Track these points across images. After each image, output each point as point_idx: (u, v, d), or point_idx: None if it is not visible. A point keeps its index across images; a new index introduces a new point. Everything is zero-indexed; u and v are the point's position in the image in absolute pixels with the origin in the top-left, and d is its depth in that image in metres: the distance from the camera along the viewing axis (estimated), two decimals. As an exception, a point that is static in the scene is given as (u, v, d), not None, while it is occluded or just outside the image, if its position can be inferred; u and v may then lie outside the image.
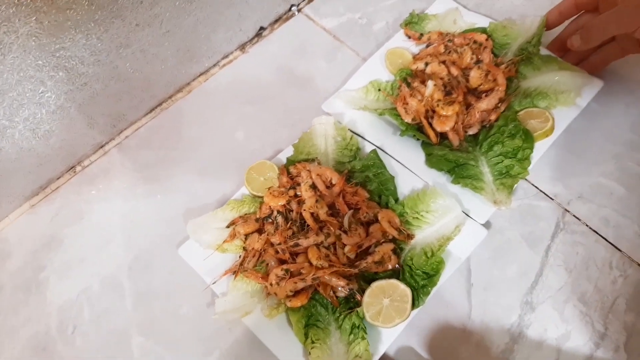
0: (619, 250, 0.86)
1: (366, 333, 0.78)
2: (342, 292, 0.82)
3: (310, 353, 0.77)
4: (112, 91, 1.00)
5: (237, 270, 0.85)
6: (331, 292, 0.82)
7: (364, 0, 1.22)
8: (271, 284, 0.81)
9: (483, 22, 1.07)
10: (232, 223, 0.89)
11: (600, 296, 0.83)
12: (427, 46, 1.06)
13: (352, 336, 0.79)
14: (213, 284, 0.87)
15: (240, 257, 0.87)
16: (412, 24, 1.09)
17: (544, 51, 1.00)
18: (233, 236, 0.88)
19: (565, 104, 0.94)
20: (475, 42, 1.01)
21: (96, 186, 1.05)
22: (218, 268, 0.88)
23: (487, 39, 1.00)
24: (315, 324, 0.81)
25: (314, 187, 0.88)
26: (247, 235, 0.88)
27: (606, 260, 0.86)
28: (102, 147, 1.08)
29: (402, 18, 1.13)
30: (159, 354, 0.86)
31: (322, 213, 0.85)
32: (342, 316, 0.81)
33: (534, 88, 0.96)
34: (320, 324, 0.81)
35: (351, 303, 0.82)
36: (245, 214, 0.91)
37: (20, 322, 0.92)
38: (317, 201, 0.85)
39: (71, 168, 1.06)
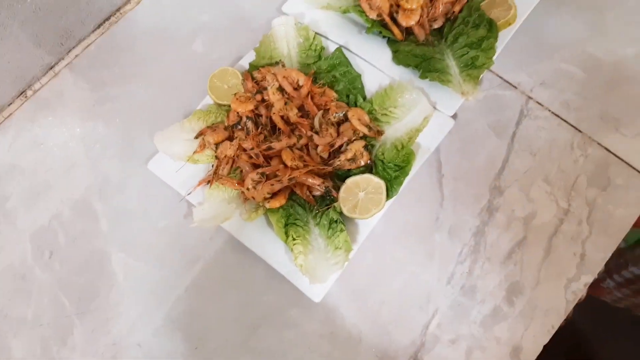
0: (580, 131, 0.89)
1: (344, 226, 0.81)
2: (317, 191, 0.83)
3: (292, 249, 0.79)
4: (55, 5, 0.92)
5: (212, 179, 0.84)
6: (307, 192, 0.83)
7: None
8: (248, 189, 0.81)
9: None
10: (201, 133, 0.87)
11: (563, 176, 0.87)
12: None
13: (330, 231, 0.81)
14: (188, 194, 0.86)
15: (213, 166, 0.86)
16: None
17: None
18: (203, 146, 0.86)
19: (534, -7, 0.93)
20: None
21: (51, 111, 0.99)
22: (191, 179, 0.88)
23: None
24: (294, 223, 0.82)
25: (281, 89, 0.86)
26: (217, 145, 0.86)
27: (568, 141, 0.89)
28: (51, 68, 1.01)
29: None
30: (142, 269, 0.87)
31: (292, 115, 0.84)
32: (319, 213, 0.83)
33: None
34: (299, 222, 0.83)
35: (327, 200, 0.84)
36: (213, 124, 0.89)
37: (-7, 253, 0.90)
38: (286, 103, 0.84)
39: (22, 93, 1.00)
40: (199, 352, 0.81)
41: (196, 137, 0.88)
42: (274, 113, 0.84)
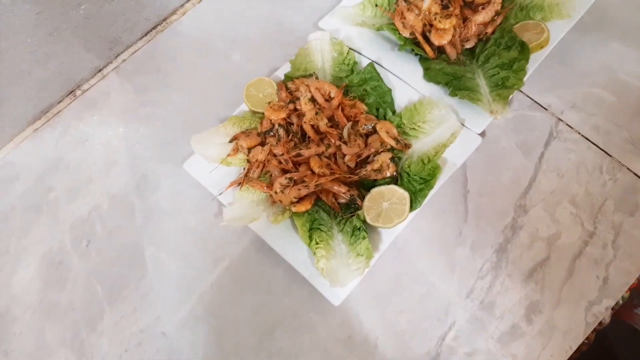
0: (609, 155, 0.89)
1: (367, 233, 0.83)
2: (343, 198, 0.86)
3: (315, 253, 0.82)
4: (106, 13, 0.99)
5: (243, 181, 0.88)
6: (333, 199, 0.86)
7: None
8: (276, 192, 0.85)
9: None
10: (235, 138, 0.92)
11: (590, 198, 0.87)
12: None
13: (353, 237, 0.83)
14: (220, 194, 0.90)
15: (244, 169, 0.90)
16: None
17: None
18: (236, 150, 0.90)
19: (560, 17, 0.95)
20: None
21: (97, 110, 1.06)
22: (223, 181, 0.92)
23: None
24: (318, 228, 0.85)
25: (313, 100, 0.90)
26: (250, 149, 0.90)
27: (597, 165, 0.89)
28: (100, 71, 1.08)
29: None
30: (172, 265, 0.90)
31: (322, 124, 0.87)
32: (343, 220, 0.85)
33: (529, 1, 0.97)
34: (323, 228, 0.85)
35: (352, 208, 0.86)
36: (247, 129, 0.93)
37: (34, 240, 0.96)
38: (316, 113, 0.88)
39: (71, 92, 1.07)
40: (218, 347, 0.83)
41: (230, 141, 0.92)
42: (304, 122, 0.87)
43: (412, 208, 0.83)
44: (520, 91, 0.96)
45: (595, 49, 0.98)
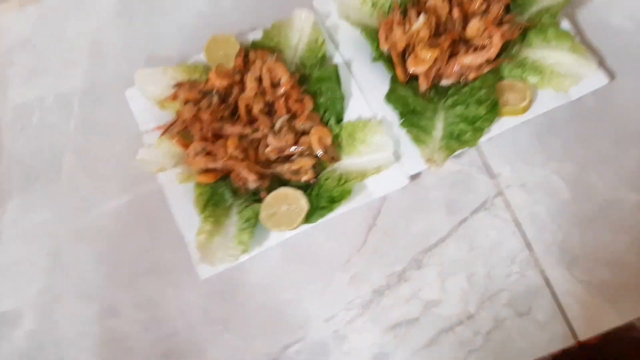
0: (530, 249, 0.84)
1: (254, 227, 0.82)
2: (251, 185, 0.85)
3: (201, 224, 0.82)
4: None
5: (165, 129, 0.88)
6: (242, 181, 0.85)
7: None
8: (188, 154, 0.84)
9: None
10: (179, 85, 0.90)
11: (488, 283, 0.83)
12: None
13: (245, 224, 0.83)
14: (145, 132, 0.91)
15: (173, 119, 0.90)
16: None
17: (564, 24, 0.90)
18: (174, 97, 0.89)
19: (556, 89, 0.86)
20: (495, -10, 0.90)
21: (86, 6, 1.06)
22: (156, 121, 0.92)
23: (509, -10, 0.90)
24: (216, 203, 0.85)
25: (259, 80, 0.86)
26: (186, 102, 0.89)
27: (512, 253, 0.84)
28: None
29: None
30: (80, 179, 0.94)
31: (256, 108, 0.84)
32: (245, 203, 0.85)
33: (532, 60, 0.88)
34: (221, 204, 0.85)
35: (257, 197, 0.85)
36: (195, 81, 0.91)
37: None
38: (255, 95, 0.85)
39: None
40: (95, 269, 0.88)
41: (174, 87, 0.91)
42: (241, 98, 0.85)
43: (306, 221, 0.82)
44: (478, 149, 0.89)
45: (580, 138, 0.89)
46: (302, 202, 0.82)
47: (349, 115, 0.90)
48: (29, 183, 0.94)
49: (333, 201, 0.82)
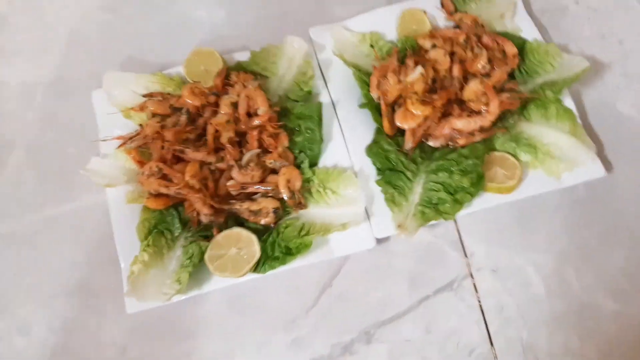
0: (491, 343, 0.77)
1: (195, 267, 0.74)
2: (203, 218, 0.77)
3: (139, 253, 0.75)
4: None
5: (124, 141, 0.80)
6: (195, 213, 0.77)
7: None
8: (142, 173, 0.77)
9: (531, 33, 0.89)
10: (150, 95, 0.83)
11: (440, 371, 0.76)
12: (455, 27, 0.89)
13: (188, 261, 0.75)
14: (101, 140, 0.83)
15: (135, 131, 0.82)
16: (455, -7, 0.92)
17: (568, 102, 0.84)
18: (142, 108, 0.82)
19: (548, 172, 0.80)
20: (502, 52, 0.84)
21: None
22: (118, 129, 0.84)
23: (515, 56, 0.84)
24: (163, 232, 0.78)
25: (235, 106, 0.79)
26: (154, 115, 0.82)
27: (471, 344, 0.77)
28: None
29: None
30: (25, 178, 0.86)
31: (225, 136, 0.77)
32: (193, 238, 0.77)
33: (527, 135, 0.81)
34: (167, 234, 0.78)
35: (208, 232, 0.78)
36: (168, 94, 0.84)
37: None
38: (227, 122, 0.78)
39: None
40: (17, 277, 0.80)
41: (144, 96, 0.83)
42: (210, 123, 0.78)
43: (255, 270, 0.74)
44: (455, 222, 0.82)
45: (564, 229, 0.82)
46: (254, 247, 0.75)
47: (325, 159, 0.83)
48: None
49: (289, 253, 0.75)
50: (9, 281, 0.80)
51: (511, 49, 0.84)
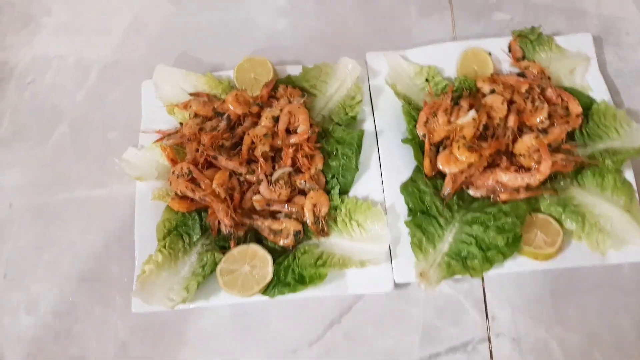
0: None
1: (207, 277, 0.73)
2: (223, 228, 0.76)
3: (155, 252, 0.74)
4: None
5: (162, 136, 0.80)
6: (216, 221, 0.76)
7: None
8: (173, 172, 0.77)
9: (601, 94, 0.83)
10: (197, 94, 0.83)
11: None
12: (519, 74, 0.84)
13: (200, 269, 0.74)
14: (142, 132, 0.84)
15: (175, 128, 0.82)
16: (526, 39, 0.86)
17: (628, 174, 0.77)
18: (186, 106, 0.82)
19: (593, 247, 0.73)
20: (566, 109, 0.79)
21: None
22: (160, 123, 0.84)
23: (579, 115, 0.78)
24: (182, 234, 0.77)
25: (276, 120, 0.78)
26: (196, 115, 0.82)
27: (477, 412, 0.72)
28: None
29: (528, 25, 0.90)
30: (65, 154, 0.88)
31: (259, 149, 0.76)
32: (210, 246, 0.76)
33: (577, 202, 0.75)
34: (185, 238, 0.77)
35: (226, 244, 0.76)
36: (214, 96, 0.84)
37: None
38: (265, 135, 0.76)
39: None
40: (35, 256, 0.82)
41: (190, 94, 0.84)
42: (248, 134, 0.76)
43: (264, 292, 0.72)
44: (482, 280, 0.77)
45: (600, 309, 0.75)
46: (268, 269, 0.73)
47: (357, 189, 0.80)
48: (15, 140, 0.89)
49: (302, 281, 0.72)
50: (30, 254, 0.81)
51: (575, 108, 0.78)
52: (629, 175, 0.77)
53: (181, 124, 0.82)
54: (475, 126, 0.75)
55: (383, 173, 0.80)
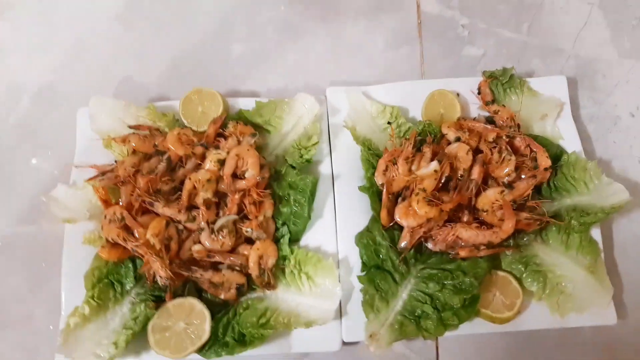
0: None
1: (138, 332, 0.67)
2: (158, 280, 0.69)
3: (85, 302, 0.67)
4: None
5: (96, 175, 0.73)
6: (152, 271, 0.70)
7: (506, 15, 0.93)
8: (105, 216, 0.70)
9: (572, 143, 0.79)
10: (137, 127, 0.76)
11: None
12: (488, 121, 0.79)
13: (132, 322, 0.68)
14: (74, 166, 0.76)
15: (110, 165, 0.75)
16: (497, 81, 0.81)
17: (595, 233, 0.73)
18: (124, 140, 0.75)
19: (553, 309, 0.69)
20: (534, 160, 0.74)
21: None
22: (95, 157, 0.77)
23: (547, 169, 0.73)
24: (113, 282, 0.70)
25: (222, 164, 0.71)
26: (134, 152, 0.74)
27: None
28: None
29: (500, 61, 0.85)
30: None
31: (201, 196, 0.69)
32: (144, 296, 0.70)
33: (540, 261, 0.71)
34: (118, 287, 0.70)
35: (162, 293, 0.70)
36: (157, 129, 0.77)
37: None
38: (208, 180, 0.70)
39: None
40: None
41: (130, 127, 0.76)
42: (190, 178, 0.70)
43: (200, 351, 0.66)
44: (436, 339, 0.73)
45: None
46: (205, 326, 0.67)
47: (309, 238, 0.74)
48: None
49: (241, 342, 0.67)
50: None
51: (544, 161, 0.74)
52: (596, 232, 0.73)
53: (116, 162, 0.74)
54: (437, 178, 0.70)
55: (338, 221, 0.75)
